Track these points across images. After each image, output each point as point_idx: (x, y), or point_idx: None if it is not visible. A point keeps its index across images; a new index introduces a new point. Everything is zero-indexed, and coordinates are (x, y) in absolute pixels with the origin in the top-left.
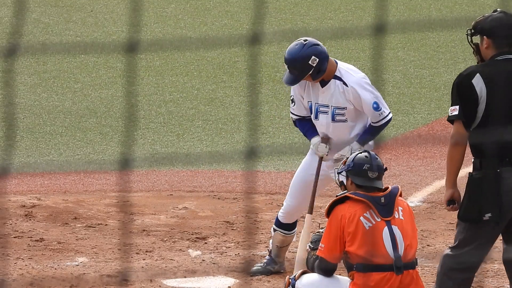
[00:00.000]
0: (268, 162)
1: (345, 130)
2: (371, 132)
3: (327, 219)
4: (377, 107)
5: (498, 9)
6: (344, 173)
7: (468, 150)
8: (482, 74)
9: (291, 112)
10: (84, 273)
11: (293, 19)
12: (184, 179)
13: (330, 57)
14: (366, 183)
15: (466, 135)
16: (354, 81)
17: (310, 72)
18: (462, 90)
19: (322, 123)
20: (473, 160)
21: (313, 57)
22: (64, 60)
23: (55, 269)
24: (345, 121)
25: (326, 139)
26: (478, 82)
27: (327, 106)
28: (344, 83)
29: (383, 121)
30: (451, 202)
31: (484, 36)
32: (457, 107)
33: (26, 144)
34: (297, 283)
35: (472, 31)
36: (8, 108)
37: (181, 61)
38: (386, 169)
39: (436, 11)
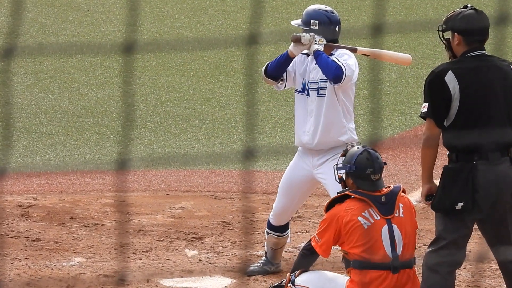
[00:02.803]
0: (264, 161)
1: (331, 107)
2: (327, 57)
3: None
4: (344, 60)
5: (468, 5)
6: (344, 171)
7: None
8: (454, 71)
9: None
10: (81, 273)
11: (290, 19)
12: (180, 178)
13: (335, 44)
14: (369, 187)
15: (438, 132)
16: (342, 52)
17: (304, 28)
18: (434, 88)
19: (312, 100)
20: (448, 153)
21: (317, 21)
22: (60, 60)
23: (52, 269)
24: (324, 94)
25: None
26: (450, 80)
27: (316, 82)
28: (332, 55)
29: (338, 63)
30: (429, 197)
31: (455, 33)
32: (427, 104)
33: (22, 144)
34: (297, 280)
35: (444, 26)
36: (4, 108)
37: (178, 60)
38: (385, 163)
39: (433, 11)
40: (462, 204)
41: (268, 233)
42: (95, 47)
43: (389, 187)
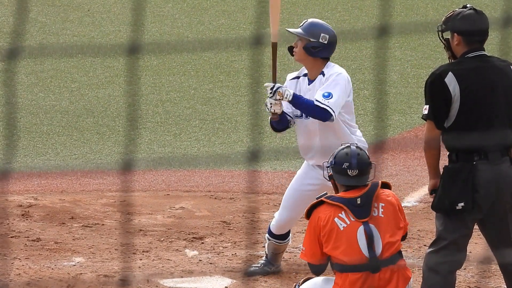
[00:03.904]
0: (265, 161)
1: (335, 124)
2: (307, 103)
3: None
4: (327, 96)
5: (468, 5)
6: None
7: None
8: (454, 72)
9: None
10: (81, 273)
11: (290, 19)
12: (181, 178)
13: (328, 60)
14: (346, 182)
15: (438, 134)
16: (332, 72)
17: (311, 40)
18: (434, 89)
19: (313, 121)
20: (448, 154)
21: (328, 36)
22: (61, 59)
23: (52, 269)
24: None
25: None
26: (451, 81)
27: None
28: (324, 75)
29: (322, 106)
30: (434, 191)
31: (455, 33)
32: (428, 106)
33: (23, 143)
34: None
35: (443, 27)
36: (5, 108)
37: (178, 60)
38: (371, 163)
39: (433, 11)
40: (462, 204)
41: (268, 239)
42: (96, 47)
43: (367, 185)
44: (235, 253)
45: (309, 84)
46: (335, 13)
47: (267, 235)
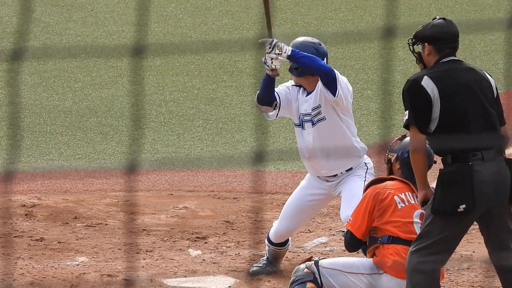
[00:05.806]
0: (268, 161)
1: (329, 130)
2: (308, 55)
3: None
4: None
5: (437, 16)
6: (394, 154)
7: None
8: (429, 75)
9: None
10: (85, 273)
11: (294, 19)
12: (184, 178)
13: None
14: (412, 178)
15: (423, 138)
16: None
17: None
18: (412, 94)
19: (308, 132)
20: (441, 158)
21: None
22: (64, 59)
23: (56, 268)
24: (323, 119)
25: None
26: (428, 84)
27: (309, 114)
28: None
29: (327, 66)
30: (425, 202)
31: (426, 43)
32: (407, 112)
33: (26, 143)
34: (321, 262)
35: (413, 40)
36: (8, 108)
37: (182, 60)
38: (435, 162)
39: (437, 11)
40: (464, 206)
41: (268, 246)
42: (99, 47)
43: None
44: (239, 253)
45: (306, 96)
46: (338, 13)
47: (266, 241)
